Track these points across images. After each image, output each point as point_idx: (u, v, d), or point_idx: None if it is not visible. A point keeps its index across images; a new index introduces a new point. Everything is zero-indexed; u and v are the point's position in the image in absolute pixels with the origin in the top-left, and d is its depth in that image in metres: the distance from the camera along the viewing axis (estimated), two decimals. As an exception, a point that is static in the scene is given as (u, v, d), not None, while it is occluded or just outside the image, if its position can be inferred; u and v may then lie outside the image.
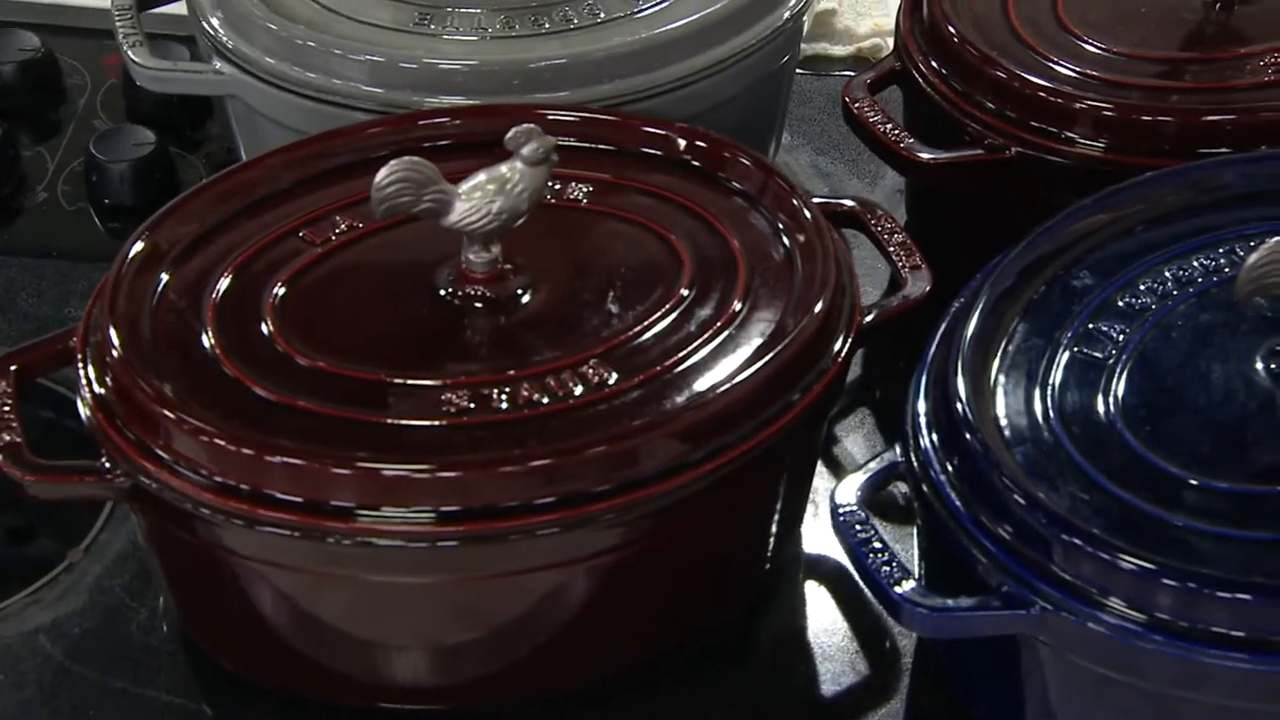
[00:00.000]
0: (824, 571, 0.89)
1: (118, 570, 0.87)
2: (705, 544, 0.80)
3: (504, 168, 0.80)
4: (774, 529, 0.84)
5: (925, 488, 0.74)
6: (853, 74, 1.17)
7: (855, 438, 0.96)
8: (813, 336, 0.79)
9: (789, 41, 1.02)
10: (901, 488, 0.80)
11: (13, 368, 0.80)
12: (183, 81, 1.00)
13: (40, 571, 0.87)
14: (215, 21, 0.98)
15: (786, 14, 1.01)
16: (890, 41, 1.19)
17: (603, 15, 0.99)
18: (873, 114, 0.96)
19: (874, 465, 0.77)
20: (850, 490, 0.76)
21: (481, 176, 0.80)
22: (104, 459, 0.76)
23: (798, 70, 1.09)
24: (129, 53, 0.99)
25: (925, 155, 0.94)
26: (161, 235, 0.83)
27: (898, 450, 0.77)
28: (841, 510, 0.75)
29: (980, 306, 0.79)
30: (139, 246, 0.82)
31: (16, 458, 0.76)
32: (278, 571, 0.76)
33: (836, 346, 0.80)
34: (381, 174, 0.78)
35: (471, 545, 0.74)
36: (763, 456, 0.77)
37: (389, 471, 0.72)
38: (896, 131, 0.95)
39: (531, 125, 0.79)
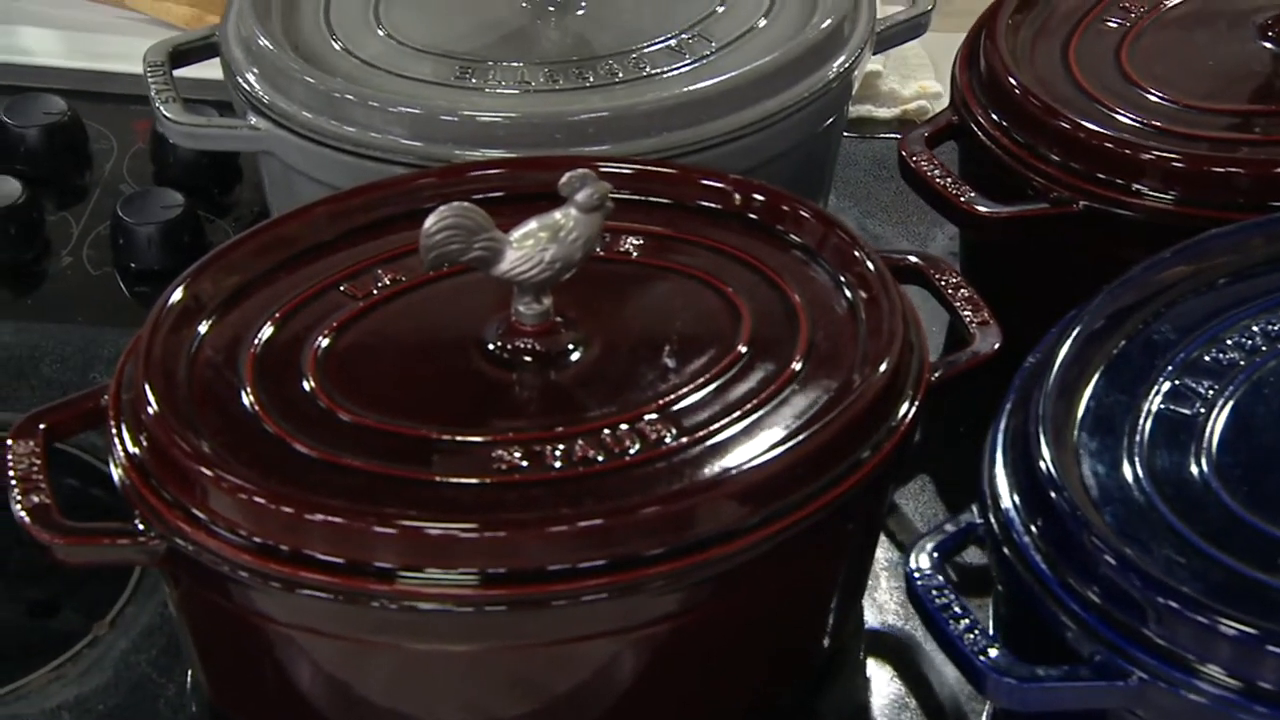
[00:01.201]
0: (888, 645, 0.85)
1: (145, 644, 0.83)
2: (764, 615, 0.76)
3: (557, 214, 0.76)
4: (836, 599, 0.80)
5: (1007, 550, 0.70)
6: (898, 135, 1.16)
7: (912, 506, 0.92)
8: (880, 393, 0.75)
9: (838, 99, 0.99)
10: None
11: (41, 426, 0.77)
12: (217, 138, 0.96)
13: (64, 646, 0.84)
14: (251, 77, 0.95)
15: (836, 69, 0.97)
16: (936, 104, 1.17)
17: (648, 69, 0.96)
18: (931, 168, 0.92)
19: (949, 528, 0.73)
20: (926, 554, 0.72)
21: (533, 224, 0.76)
22: (137, 521, 0.72)
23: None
24: (162, 109, 0.96)
25: (987, 210, 0.90)
26: (199, 288, 0.79)
27: (975, 512, 0.73)
28: (918, 575, 0.71)
29: (1059, 362, 0.75)
30: (175, 299, 0.78)
31: (46, 520, 0.72)
32: (317, 640, 0.71)
33: (905, 404, 0.76)
34: (430, 221, 0.74)
35: (519, 610, 0.70)
36: (828, 521, 0.73)
37: (433, 530, 0.68)
38: (956, 185, 0.91)
39: (586, 170, 0.76)
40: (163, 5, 1.27)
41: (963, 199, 0.91)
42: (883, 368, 0.76)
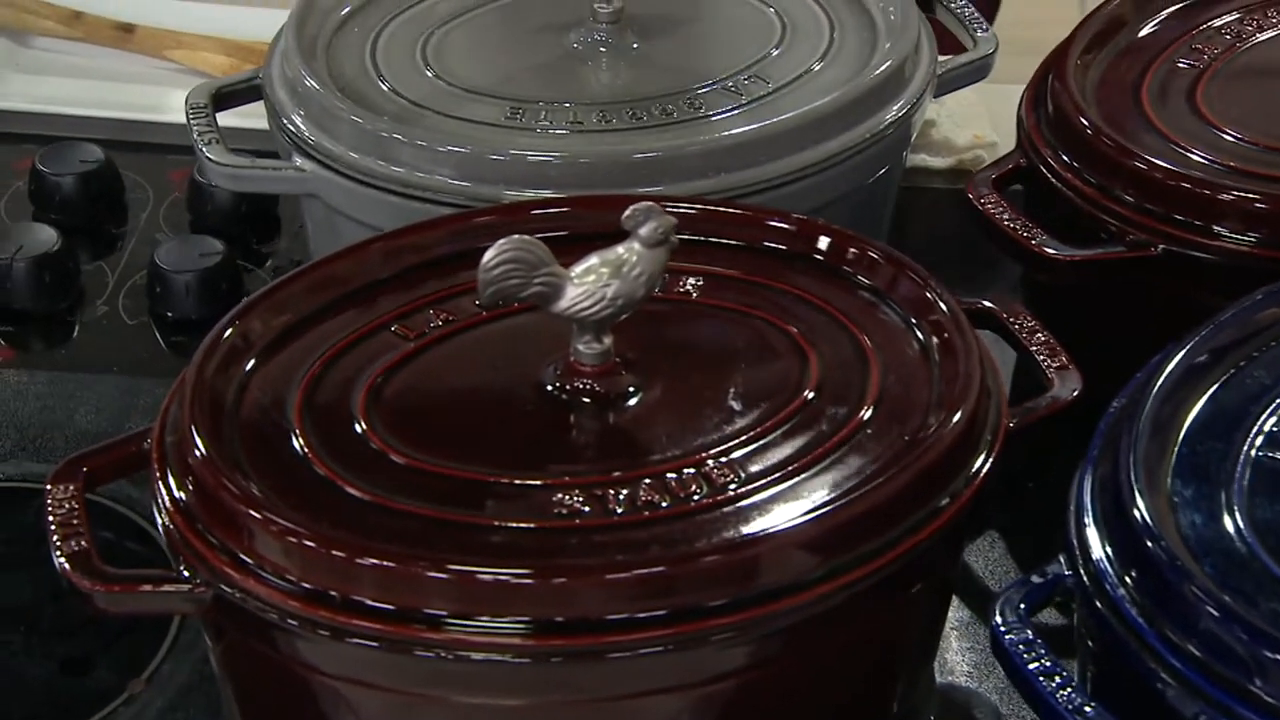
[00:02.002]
0: (960, 709, 0.81)
1: (182, 703, 0.80)
2: (832, 674, 0.72)
3: (620, 249, 0.73)
4: (907, 659, 0.76)
5: (1100, 604, 0.66)
6: (953, 185, 1.13)
7: (981, 563, 0.88)
8: (958, 439, 0.71)
9: (897, 143, 0.96)
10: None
11: (84, 469, 0.73)
12: (261, 179, 0.93)
13: (98, 704, 0.80)
14: (296, 118, 0.92)
15: (896, 112, 0.94)
16: (991, 154, 1.14)
17: (704, 109, 0.93)
18: (1000, 210, 0.89)
19: (1035, 580, 0.69)
20: (1012, 609, 0.67)
21: (595, 259, 0.73)
22: (181, 568, 0.69)
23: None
24: (204, 150, 0.93)
25: (1060, 253, 0.86)
26: (247, 326, 0.76)
27: (1062, 564, 0.69)
28: (1005, 630, 0.67)
29: (1149, 407, 0.71)
30: (223, 337, 0.75)
31: (86, 567, 0.69)
32: (365, 693, 0.68)
33: (983, 451, 0.73)
34: (490, 255, 0.71)
35: (574, 662, 0.66)
36: (901, 574, 0.69)
37: (486, 575, 0.64)
38: (1027, 228, 0.88)
39: (650, 203, 0.73)
40: (200, 55, 1.25)
41: (1034, 241, 0.87)
42: (960, 413, 0.72)
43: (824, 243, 0.82)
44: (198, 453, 0.69)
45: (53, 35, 1.28)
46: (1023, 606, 0.67)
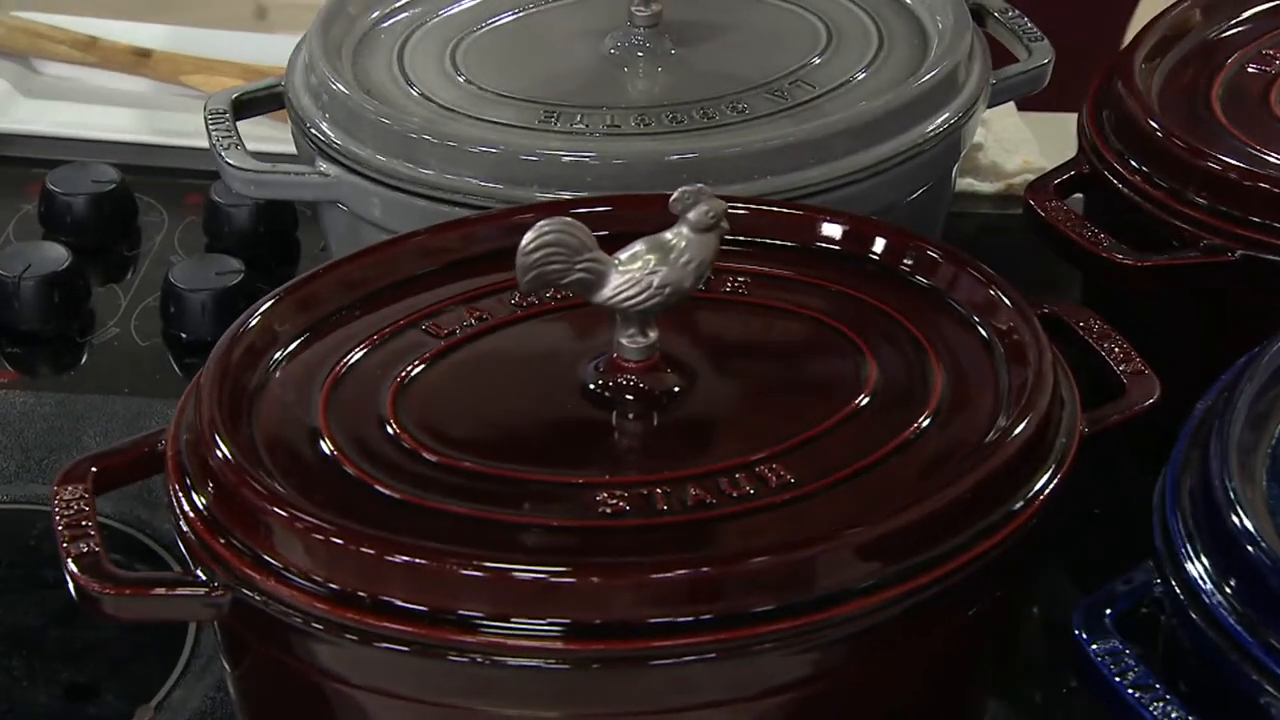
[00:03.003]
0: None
1: (193, 731, 0.75)
2: (890, 697, 0.66)
3: (668, 234, 0.68)
4: (974, 685, 0.70)
5: (1195, 615, 0.61)
6: (1001, 210, 1.09)
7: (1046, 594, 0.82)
8: (1028, 443, 0.66)
9: (949, 152, 0.91)
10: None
11: (93, 469, 0.68)
12: (283, 184, 0.88)
13: (105, 732, 0.75)
14: (322, 124, 0.88)
15: (948, 118, 0.89)
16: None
17: (747, 111, 0.88)
18: (1064, 217, 0.84)
19: (1121, 588, 0.64)
20: (1099, 618, 0.62)
21: (640, 246, 0.68)
22: (198, 570, 0.64)
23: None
24: (224, 155, 0.89)
25: (1132, 259, 0.81)
26: (269, 321, 0.72)
27: (1149, 569, 0.64)
28: (1092, 642, 0.61)
29: (1239, 409, 0.66)
30: (245, 330, 0.70)
31: (95, 569, 0.64)
32: (392, 705, 0.62)
33: (1057, 456, 0.67)
34: (529, 237, 0.66)
35: (613, 670, 0.61)
36: (968, 585, 0.64)
37: (523, 573, 0.59)
38: (1094, 234, 0.83)
39: (699, 186, 0.68)
40: (218, 80, 1.20)
41: (1102, 247, 0.82)
42: (1031, 415, 0.67)
43: (880, 242, 0.77)
44: (218, 450, 0.64)
45: (67, 61, 1.24)
46: (1109, 612, 0.62)
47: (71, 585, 0.65)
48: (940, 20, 0.95)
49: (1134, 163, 0.85)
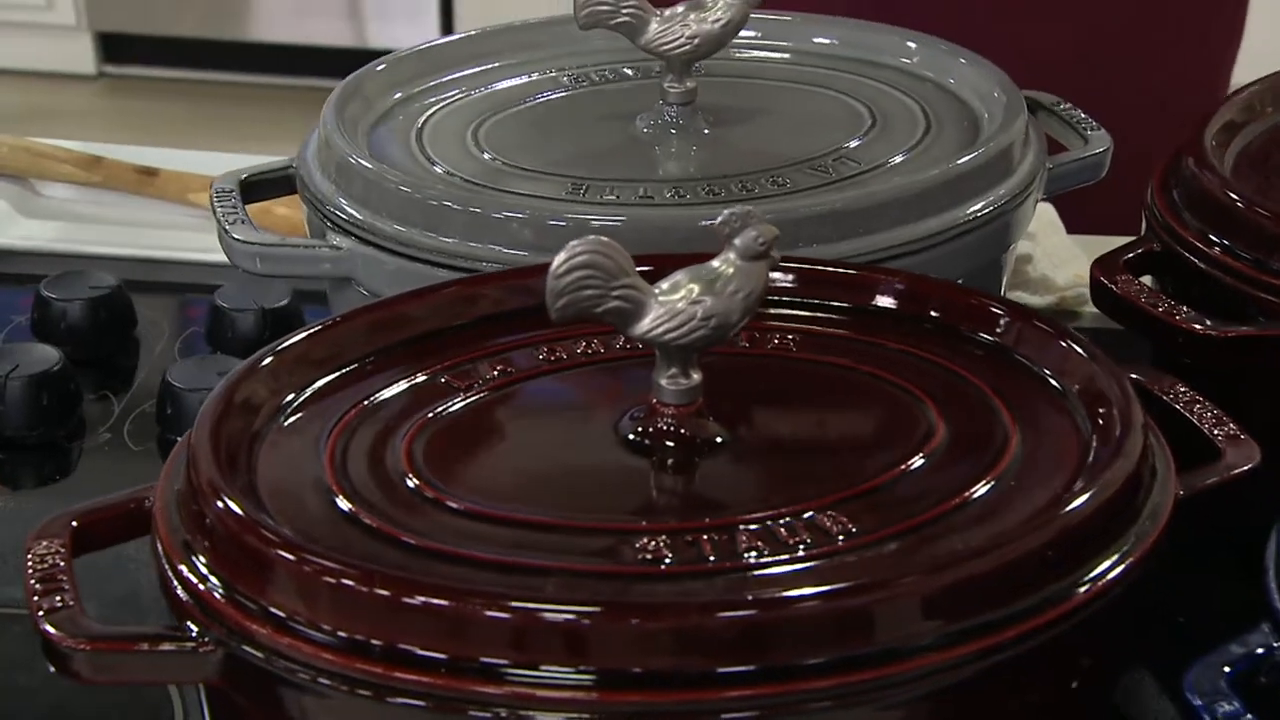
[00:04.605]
0: None
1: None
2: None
3: (714, 262, 0.61)
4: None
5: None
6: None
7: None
8: (1116, 498, 0.59)
9: (999, 236, 0.85)
10: None
11: (73, 524, 0.62)
12: (293, 259, 0.82)
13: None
14: (339, 199, 0.82)
15: (998, 198, 0.83)
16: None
17: (788, 185, 0.82)
18: (1138, 290, 0.78)
19: (1236, 650, 0.56)
20: (1219, 678, 0.54)
21: (681, 275, 0.61)
22: (188, 623, 0.57)
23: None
24: (229, 230, 0.83)
25: (1216, 331, 0.75)
26: (270, 372, 0.65)
27: (1266, 631, 0.56)
28: (1207, 705, 0.53)
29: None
30: (244, 378, 0.64)
31: (70, 625, 0.57)
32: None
33: (1146, 519, 0.60)
34: (560, 259, 0.59)
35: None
36: (1043, 653, 0.57)
37: (552, 615, 0.52)
38: (1173, 306, 0.77)
39: (748, 208, 0.61)
40: (228, 199, 1.15)
41: (1183, 320, 0.76)
42: (1117, 471, 0.60)
43: (940, 300, 0.71)
44: (215, 497, 0.58)
45: (70, 181, 1.19)
46: (1227, 671, 0.54)
47: (41, 643, 0.57)
48: (991, 105, 0.90)
49: (1213, 236, 0.79)
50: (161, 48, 3.53)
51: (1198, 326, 0.76)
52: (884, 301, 0.71)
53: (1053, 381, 0.66)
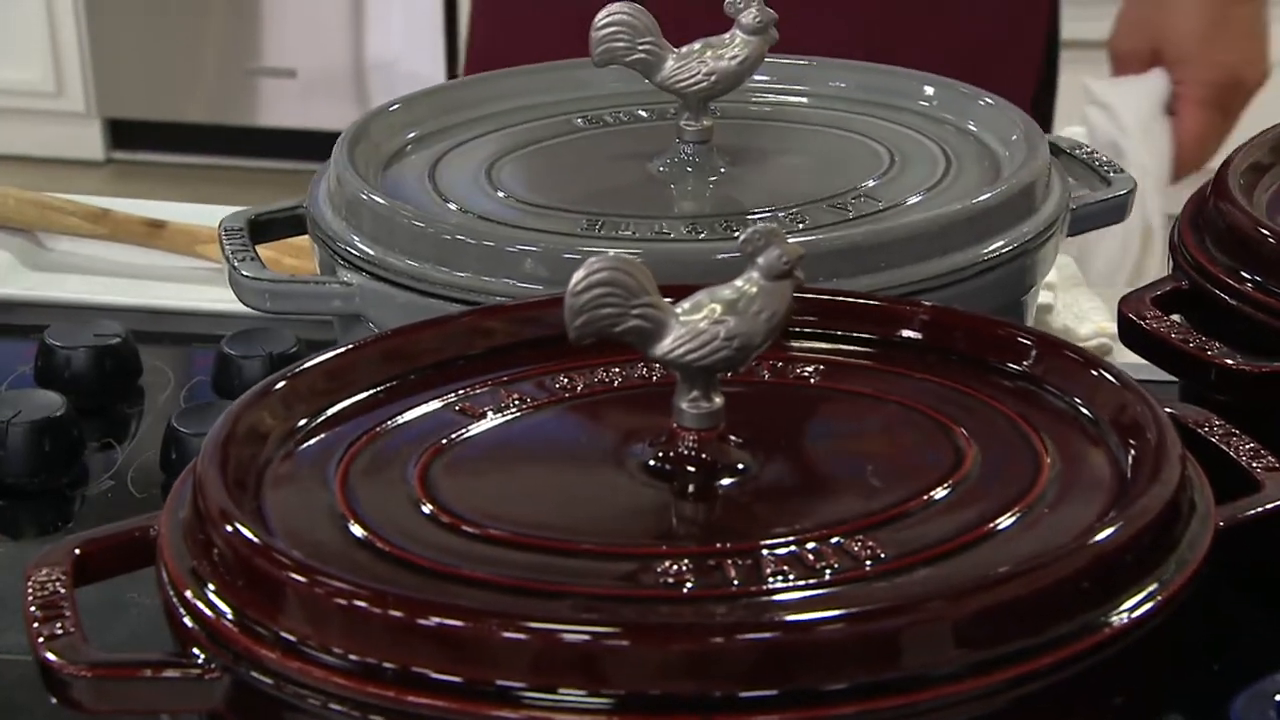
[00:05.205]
0: None
1: None
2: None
3: (737, 282, 0.59)
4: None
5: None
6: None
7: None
8: (1153, 525, 0.57)
9: (1021, 275, 0.83)
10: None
11: (75, 551, 0.61)
12: (302, 295, 0.80)
13: None
14: (352, 236, 0.80)
15: (1021, 236, 0.81)
16: (1116, 344, 1.02)
17: (808, 222, 0.80)
18: (1168, 326, 0.77)
19: (1284, 678, 0.54)
20: (1264, 713, 0.52)
21: (703, 295, 0.59)
22: (193, 649, 0.55)
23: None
24: (238, 267, 0.81)
25: (1250, 367, 0.73)
26: (279, 398, 0.64)
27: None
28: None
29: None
30: (253, 403, 0.63)
31: (70, 651, 0.55)
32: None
33: (1183, 550, 0.58)
34: (579, 276, 0.58)
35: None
36: (1075, 686, 0.55)
37: (571, 635, 0.50)
38: (1205, 342, 0.75)
39: (772, 226, 0.59)
40: (236, 251, 1.14)
41: (1210, 353, 0.74)
42: (1154, 496, 0.58)
43: (967, 330, 0.69)
44: (224, 521, 0.56)
45: (76, 234, 1.18)
46: (1277, 700, 0.52)
47: (40, 671, 0.56)
48: (1012, 146, 0.88)
49: (1244, 273, 0.78)
50: (169, 133, 3.54)
51: (1230, 362, 0.74)
52: (908, 333, 0.69)
53: (1085, 411, 0.64)
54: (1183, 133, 1.30)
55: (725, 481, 0.59)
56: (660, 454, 0.60)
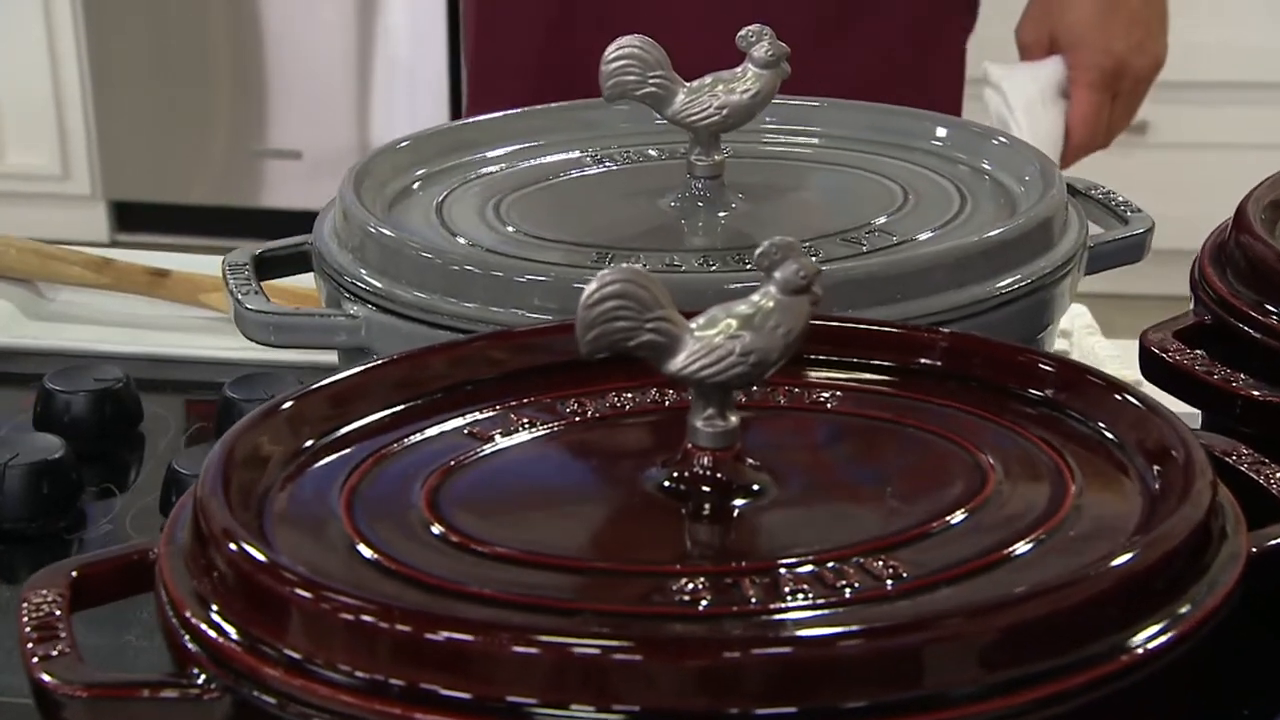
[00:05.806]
0: None
1: None
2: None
3: (753, 297, 0.58)
4: None
5: None
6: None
7: None
8: (1173, 555, 0.55)
9: (1038, 311, 0.81)
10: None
11: (72, 573, 0.59)
12: (306, 328, 0.79)
13: None
14: (360, 270, 0.79)
15: (1041, 268, 0.80)
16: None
17: (821, 255, 0.79)
18: (1191, 359, 0.75)
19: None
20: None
21: (718, 310, 0.58)
22: (193, 669, 0.53)
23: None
24: (242, 300, 0.80)
25: (1275, 396, 0.72)
26: (283, 421, 0.62)
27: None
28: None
29: None
30: (255, 425, 0.61)
31: (67, 672, 0.54)
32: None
33: (1215, 575, 0.56)
34: (592, 288, 0.56)
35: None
36: (1109, 705, 0.52)
37: (583, 649, 0.48)
38: (1229, 373, 0.73)
39: (789, 240, 0.58)
40: (240, 300, 1.13)
41: (1235, 385, 0.73)
42: (1183, 520, 0.56)
43: (987, 356, 0.67)
44: (226, 540, 0.54)
45: (79, 283, 1.17)
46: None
47: (35, 694, 0.54)
48: (1027, 185, 0.87)
49: (1269, 306, 0.76)
50: (174, 216, 3.54)
51: (1257, 393, 0.72)
52: (927, 360, 0.68)
53: (1110, 435, 0.63)
54: (1073, 115, 1.35)
55: (741, 502, 0.58)
56: (675, 473, 0.58)
